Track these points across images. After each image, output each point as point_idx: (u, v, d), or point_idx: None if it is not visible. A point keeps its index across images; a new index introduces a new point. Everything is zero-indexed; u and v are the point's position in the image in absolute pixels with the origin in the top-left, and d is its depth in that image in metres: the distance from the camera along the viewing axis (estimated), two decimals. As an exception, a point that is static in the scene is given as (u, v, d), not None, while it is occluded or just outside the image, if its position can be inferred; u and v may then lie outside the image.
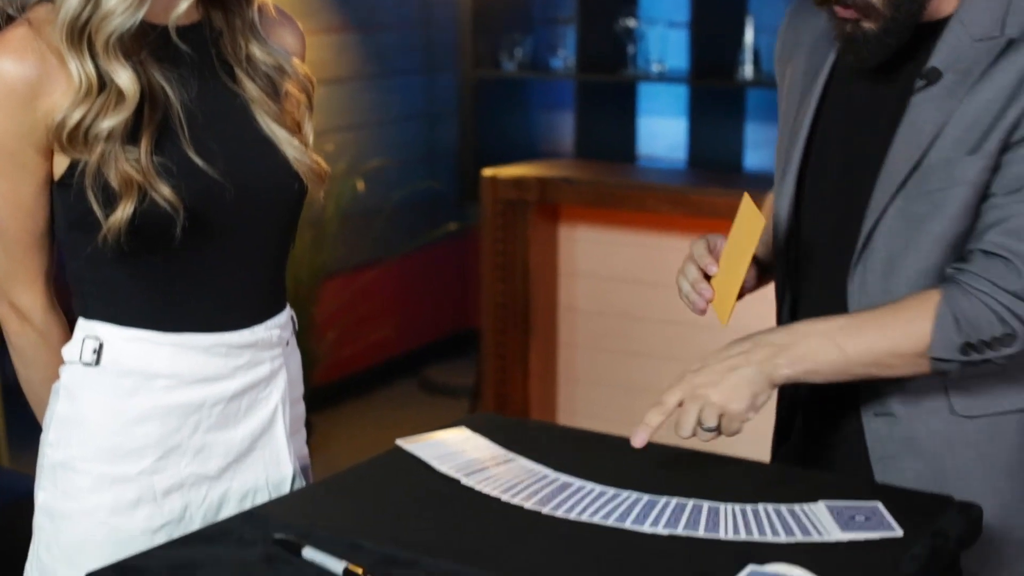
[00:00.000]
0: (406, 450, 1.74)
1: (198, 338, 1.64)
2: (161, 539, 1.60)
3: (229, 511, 1.67)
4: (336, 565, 1.38)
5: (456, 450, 1.73)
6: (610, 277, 3.82)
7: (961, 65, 1.62)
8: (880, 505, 1.51)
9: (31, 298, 1.64)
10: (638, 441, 1.60)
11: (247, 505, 1.68)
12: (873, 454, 1.71)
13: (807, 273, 1.79)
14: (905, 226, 1.66)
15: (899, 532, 1.45)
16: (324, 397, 5.00)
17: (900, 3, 1.62)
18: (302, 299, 4.63)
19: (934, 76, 1.64)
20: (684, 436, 1.59)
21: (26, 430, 2.41)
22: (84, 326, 1.65)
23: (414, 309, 5.60)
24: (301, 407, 1.84)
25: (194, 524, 1.65)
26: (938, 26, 1.66)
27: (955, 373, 1.63)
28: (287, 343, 1.76)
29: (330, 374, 5.03)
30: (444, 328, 5.77)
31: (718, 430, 1.59)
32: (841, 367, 1.60)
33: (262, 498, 1.71)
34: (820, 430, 1.81)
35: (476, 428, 1.82)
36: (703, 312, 1.75)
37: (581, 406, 3.86)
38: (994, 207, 1.61)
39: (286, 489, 1.73)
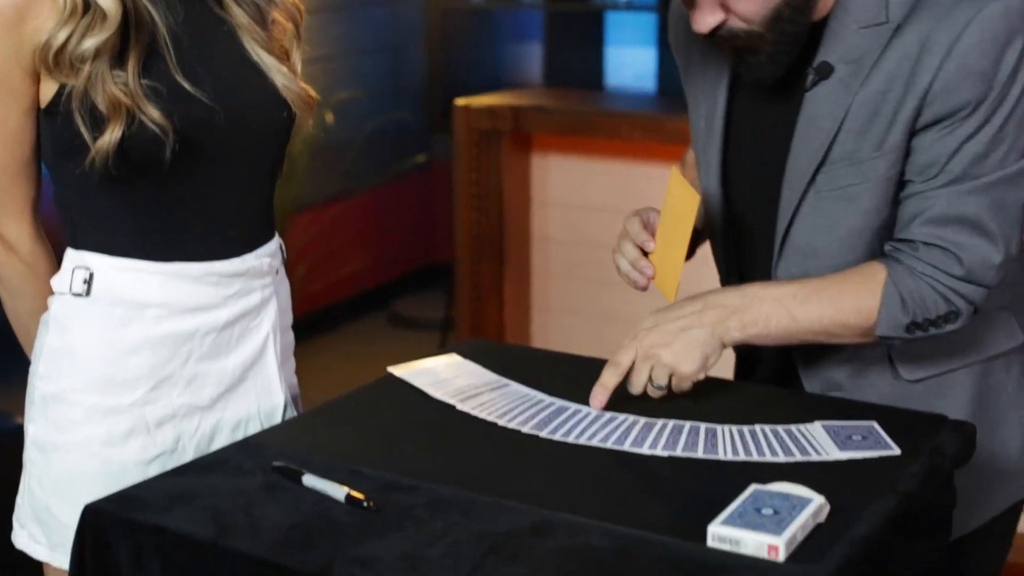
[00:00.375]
0: (399, 377, 1.73)
1: (189, 267, 1.62)
2: (154, 470, 1.60)
3: (221, 441, 1.67)
4: (338, 492, 1.37)
5: (449, 376, 1.72)
6: (582, 206, 3.80)
7: (852, 55, 1.59)
8: (876, 424, 1.52)
9: (18, 228, 1.62)
10: (596, 403, 1.60)
11: (239, 435, 1.68)
12: None
13: (748, 257, 1.79)
14: (822, 222, 1.65)
15: (897, 451, 1.46)
16: (294, 332, 4.98)
17: (783, 26, 1.58)
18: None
19: (825, 70, 1.61)
20: (635, 393, 1.60)
21: (2, 366, 2.39)
22: (73, 256, 1.63)
23: (383, 242, 5.58)
24: (291, 336, 1.83)
25: (187, 455, 1.64)
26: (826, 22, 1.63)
27: (899, 345, 1.65)
28: (276, 271, 1.74)
29: (300, 309, 4.99)
30: (412, 261, 5.76)
31: (668, 389, 1.60)
32: (791, 333, 1.60)
33: (254, 427, 1.70)
34: None
35: (467, 354, 1.82)
36: (645, 289, 1.75)
37: (555, 335, 3.86)
38: (913, 195, 1.60)
39: (278, 418, 1.73)
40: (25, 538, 1.67)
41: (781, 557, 1.22)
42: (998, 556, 1.80)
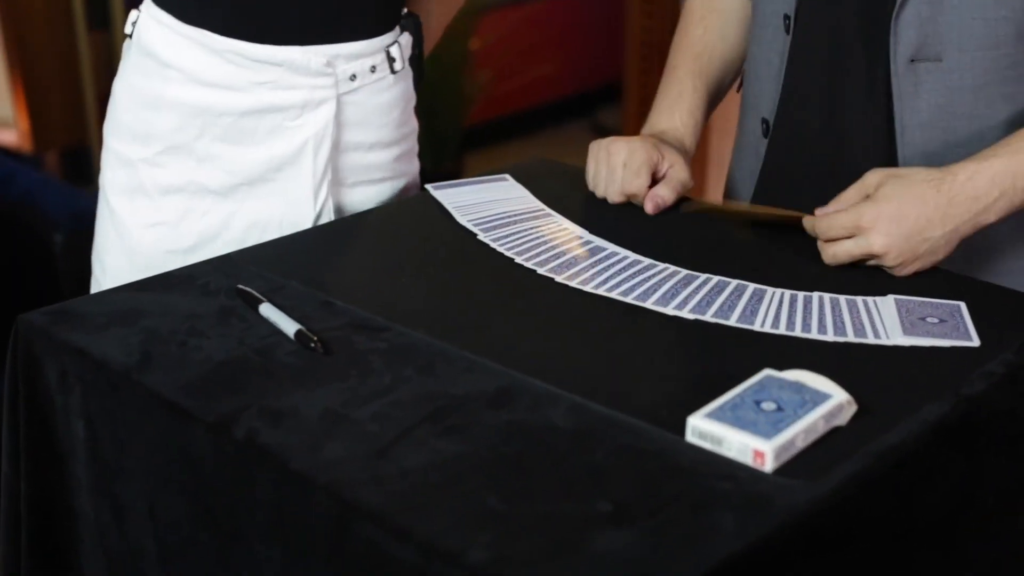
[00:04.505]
0: (433, 195, 1.52)
1: (212, 38, 1.48)
2: (152, 237, 1.53)
3: (232, 235, 1.53)
4: (289, 327, 1.18)
5: (487, 199, 1.50)
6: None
7: None
8: (963, 306, 1.23)
9: None
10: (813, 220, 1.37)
11: (252, 235, 1.52)
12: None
13: (824, 22, 1.46)
14: None
15: (974, 341, 1.17)
16: (480, 137, 4.80)
17: None
18: (458, 32, 4.38)
19: None
20: (825, 257, 1.35)
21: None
22: None
23: (586, 47, 5.30)
24: (380, 155, 1.60)
25: (190, 235, 1.53)
26: None
27: None
28: (352, 77, 1.52)
29: (488, 112, 4.80)
30: (621, 69, 5.45)
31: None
32: None
33: (272, 234, 1.53)
34: None
35: (523, 176, 1.58)
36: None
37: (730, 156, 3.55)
38: None
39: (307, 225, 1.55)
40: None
41: (768, 466, 0.97)
42: None
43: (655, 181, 1.51)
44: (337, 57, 1.51)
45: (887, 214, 1.28)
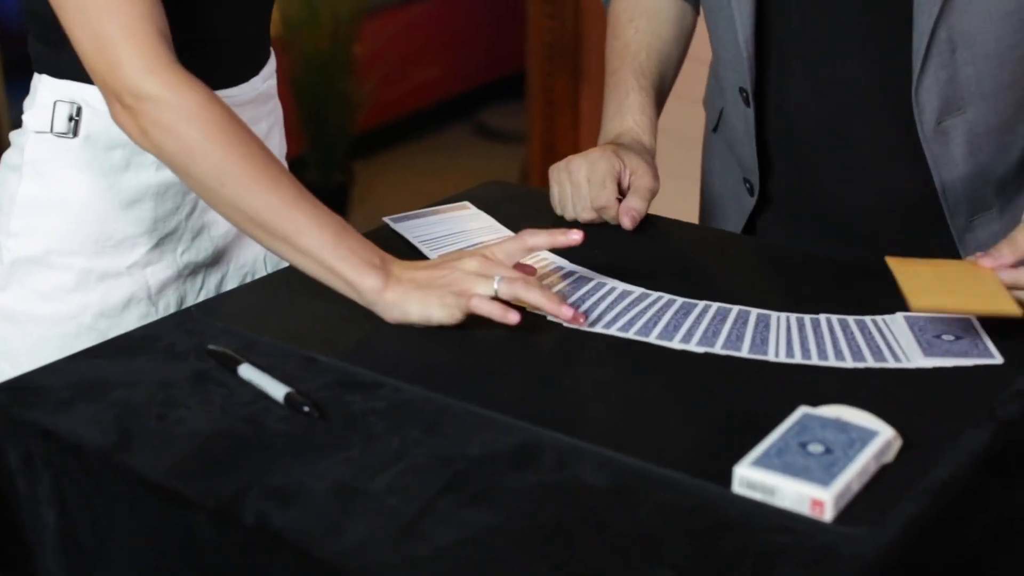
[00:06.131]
0: (394, 229, 1.43)
1: None
2: None
3: None
4: (277, 390, 1.09)
5: (452, 230, 1.42)
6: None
7: None
8: (974, 320, 1.19)
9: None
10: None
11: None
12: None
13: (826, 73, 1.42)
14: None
15: (997, 358, 1.13)
16: (366, 145, 4.69)
17: None
18: (342, 38, 4.27)
19: None
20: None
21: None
22: (53, 86, 1.34)
23: (469, 48, 5.22)
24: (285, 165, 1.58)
25: None
26: None
27: None
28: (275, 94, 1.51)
29: (373, 119, 4.70)
30: (501, 68, 5.38)
31: None
32: None
33: (261, 273, 1.48)
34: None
35: (482, 202, 1.51)
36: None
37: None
38: None
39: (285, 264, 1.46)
40: None
41: (828, 516, 0.91)
42: None
43: (621, 191, 1.45)
44: (272, 75, 1.49)
45: None
